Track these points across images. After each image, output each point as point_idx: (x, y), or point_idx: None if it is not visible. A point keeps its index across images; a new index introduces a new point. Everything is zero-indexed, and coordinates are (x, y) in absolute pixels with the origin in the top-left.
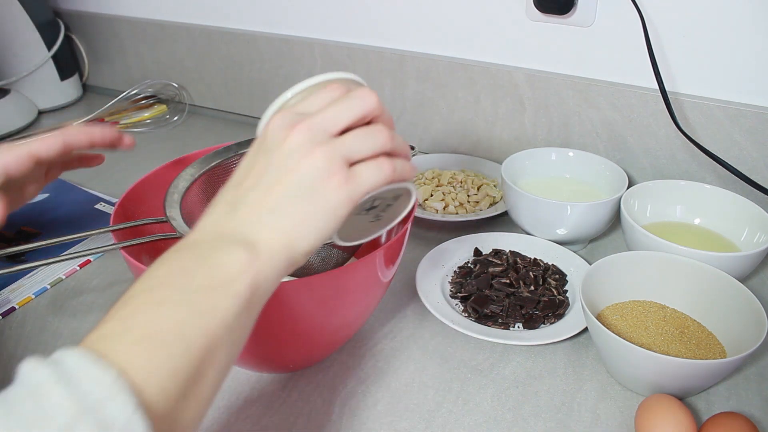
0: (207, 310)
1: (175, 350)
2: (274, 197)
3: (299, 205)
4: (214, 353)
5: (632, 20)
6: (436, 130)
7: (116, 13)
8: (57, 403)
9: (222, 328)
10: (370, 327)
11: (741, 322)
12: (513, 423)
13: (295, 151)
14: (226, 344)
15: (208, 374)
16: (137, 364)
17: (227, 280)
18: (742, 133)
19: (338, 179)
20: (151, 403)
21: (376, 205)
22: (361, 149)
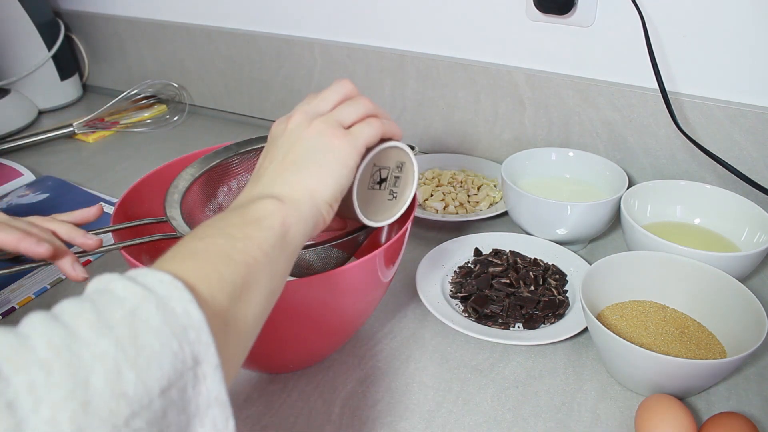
0: (244, 237)
1: (219, 264)
2: (290, 161)
3: (312, 162)
4: (255, 275)
5: (632, 20)
6: (436, 130)
7: (116, 13)
8: (123, 292)
9: (259, 252)
10: (370, 327)
11: (741, 322)
12: (513, 423)
13: (296, 128)
14: (266, 270)
15: (252, 291)
16: (187, 272)
17: (260, 218)
18: (742, 133)
19: (338, 135)
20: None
21: (385, 178)
22: (350, 114)
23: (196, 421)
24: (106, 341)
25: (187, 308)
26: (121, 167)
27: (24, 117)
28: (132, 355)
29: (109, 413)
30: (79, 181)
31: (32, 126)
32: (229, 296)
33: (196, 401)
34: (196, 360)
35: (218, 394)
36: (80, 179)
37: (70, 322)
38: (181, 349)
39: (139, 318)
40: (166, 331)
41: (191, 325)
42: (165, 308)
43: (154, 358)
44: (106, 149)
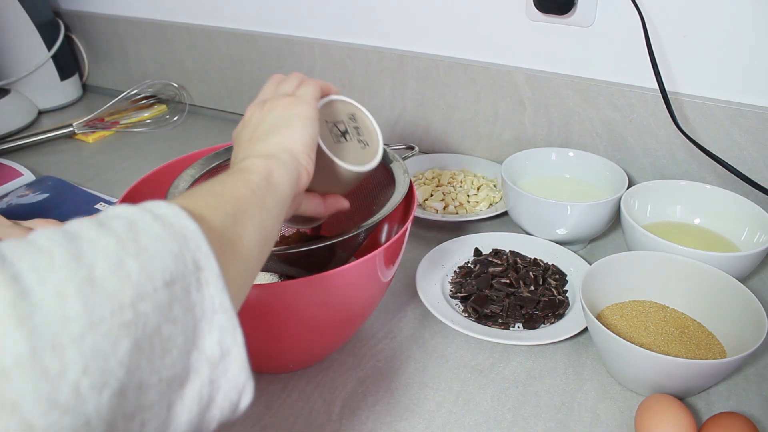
0: (231, 181)
1: (208, 197)
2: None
3: (278, 127)
4: (244, 206)
5: (632, 20)
6: (436, 130)
7: (116, 13)
8: (121, 210)
9: (246, 189)
10: (370, 327)
11: (741, 322)
12: (513, 423)
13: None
14: (254, 204)
15: (244, 220)
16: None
17: (243, 169)
18: (742, 133)
19: (288, 100)
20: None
21: (344, 131)
22: (289, 86)
23: (204, 325)
24: (107, 239)
25: (183, 222)
26: (121, 167)
27: (24, 117)
28: (132, 250)
29: (114, 290)
30: (79, 181)
31: (32, 126)
32: (221, 217)
33: (202, 305)
34: (198, 266)
35: (222, 301)
36: (80, 179)
37: (71, 229)
38: (181, 252)
39: (138, 226)
40: (165, 236)
41: (189, 236)
42: (163, 221)
43: (156, 254)
44: (106, 149)
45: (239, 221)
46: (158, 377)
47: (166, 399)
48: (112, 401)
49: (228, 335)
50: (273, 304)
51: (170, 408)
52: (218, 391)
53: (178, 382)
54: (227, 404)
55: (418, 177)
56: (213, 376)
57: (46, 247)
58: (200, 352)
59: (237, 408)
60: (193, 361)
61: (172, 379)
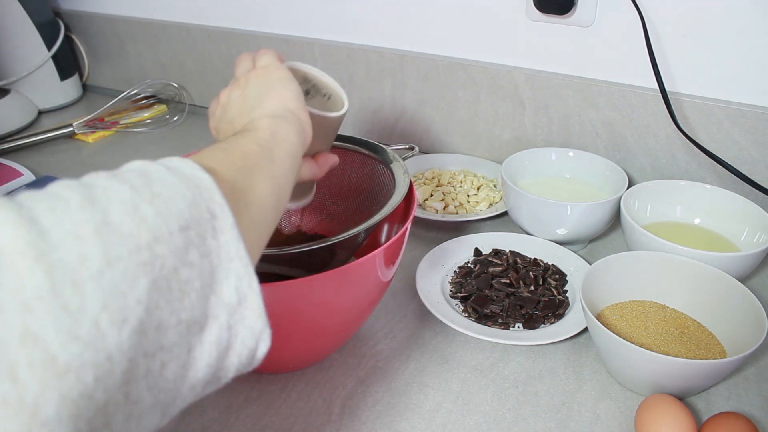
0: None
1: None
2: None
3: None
4: (254, 159)
5: (632, 20)
6: (436, 130)
7: (116, 13)
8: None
9: (253, 144)
10: (370, 327)
11: (741, 322)
12: (513, 423)
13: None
14: (264, 157)
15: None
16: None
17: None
18: (742, 133)
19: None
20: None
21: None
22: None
23: (220, 272)
24: (122, 186)
25: (195, 173)
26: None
27: (24, 117)
28: (148, 197)
29: (131, 232)
30: None
31: (32, 126)
32: (233, 175)
33: (218, 252)
34: (212, 214)
35: (238, 249)
36: None
37: (88, 180)
38: (196, 200)
39: (152, 176)
40: (179, 185)
41: (203, 186)
42: (176, 171)
43: (171, 200)
44: (106, 149)
45: (250, 172)
46: (177, 318)
47: (185, 341)
48: (132, 338)
49: (244, 282)
50: (273, 304)
51: (190, 351)
52: (236, 337)
53: (198, 326)
54: (245, 351)
55: (418, 177)
56: (231, 321)
57: (62, 194)
58: (218, 297)
59: (254, 355)
60: (211, 306)
61: (191, 322)
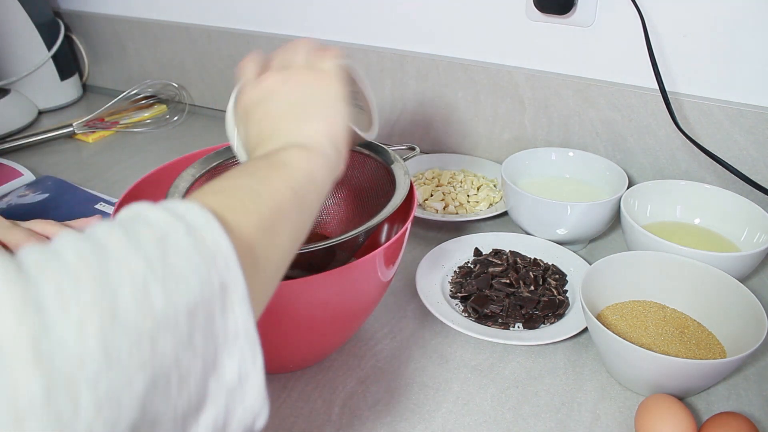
0: (271, 177)
1: (246, 199)
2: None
3: (317, 107)
4: (283, 209)
5: (632, 20)
6: (436, 130)
7: (116, 13)
8: (154, 217)
9: (287, 190)
10: (370, 327)
11: (741, 322)
12: (513, 423)
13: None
14: (294, 206)
15: (280, 225)
16: (214, 203)
17: (286, 162)
18: (742, 133)
19: (322, 76)
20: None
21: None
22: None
23: (224, 352)
24: (135, 257)
25: (215, 237)
26: (121, 167)
27: (24, 117)
28: (160, 273)
29: (135, 324)
30: (79, 181)
31: (32, 126)
32: (257, 227)
33: (224, 331)
34: (225, 288)
35: (246, 326)
36: (80, 179)
37: (101, 240)
38: (209, 274)
39: (169, 241)
40: (194, 256)
41: (220, 253)
42: (194, 234)
43: (182, 278)
44: (106, 149)
45: (274, 229)
46: (173, 411)
47: (180, 428)
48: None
49: (248, 360)
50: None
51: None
52: (233, 417)
53: (194, 411)
54: (241, 428)
55: (418, 177)
56: (229, 402)
57: (73, 266)
58: (218, 378)
59: (251, 430)
60: (210, 389)
61: (188, 410)
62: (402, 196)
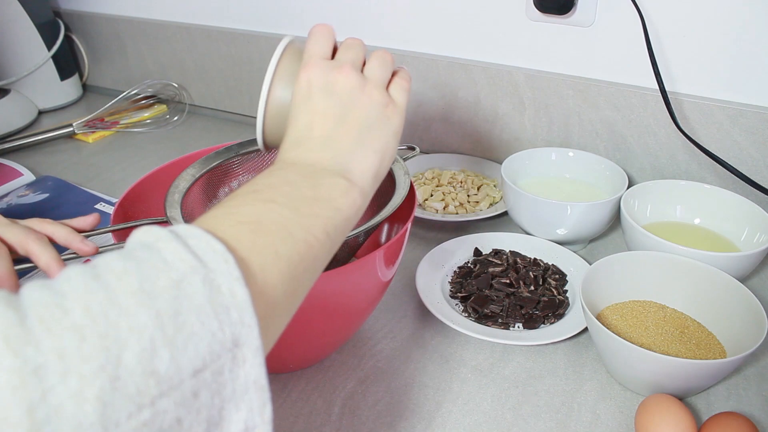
0: (311, 214)
1: (277, 240)
2: (353, 129)
3: (375, 134)
4: (313, 255)
5: (632, 20)
6: (436, 130)
7: (116, 13)
8: (172, 257)
9: (322, 233)
10: (370, 327)
11: (741, 322)
12: (513, 423)
13: (351, 90)
14: (324, 252)
15: (305, 273)
16: (242, 240)
17: (330, 197)
18: (742, 133)
19: (390, 105)
20: (251, 276)
21: None
22: (386, 75)
23: (231, 405)
24: (146, 314)
25: (233, 287)
26: (121, 167)
27: (24, 117)
28: (170, 333)
29: (137, 391)
30: (79, 181)
31: (32, 126)
32: (281, 276)
33: (233, 385)
34: (236, 342)
35: (257, 378)
36: (80, 179)
37: (112, 285)
38: (221, 330)
39: (183, 292)
40: (208, 310)
41: (235, 305)
42: (211, 284)
43: (192, 338)
44: (106, 149)
45: (299, 276)
46: None
47: None
48: None
49: (256, 413)
50: None
51: None
52: None
53: None
54: None
55: (418, 177)
56: None
57: (79, 322)
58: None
59: None
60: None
61: None
62: (402, 196)
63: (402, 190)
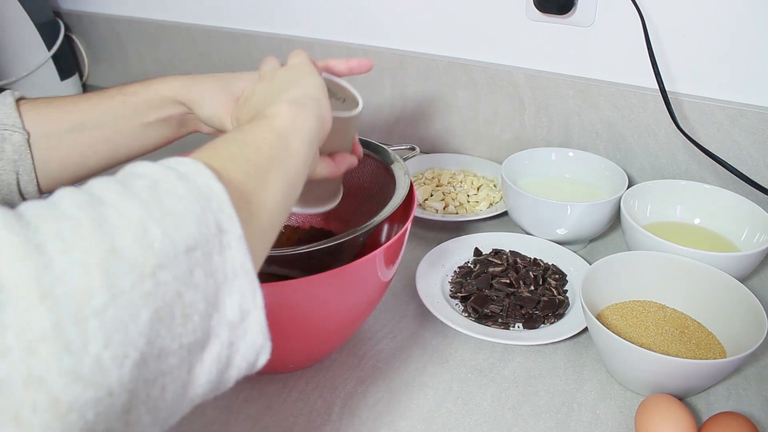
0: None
1: (233, 148)
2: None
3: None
4: (270, 153)
5: (632, 20)
6: (436, 130)
7: (116, 13)
8: (146, 170)
9: (271, 135)
10: (370, 327)
11: (741, 322)
12: (513, 423)
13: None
14: (280, 149)
15: (269, 170)
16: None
17: (270, 115)
18: (742, 133)
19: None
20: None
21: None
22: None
23: (225, 289)
24: (132, 203)
25: (207, 182)
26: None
27: None
28: (157, 214)
29: (136, 260)
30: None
31: None
32: (246, 172)
33: (224, 269)
34: (220, 228)
35: (244, 264)
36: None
37: (97, 192)
38: (205, 215)
39: (162, 187)
40: (189, 198)
41: (213, 196)
42: (187, 180)
43: (179, 218)
44: None
45: (263, 172)
46: (179, 343)
47: (186, 363)
48: (134, 371)
49: (248, 298)
50: (273, 304)
51: (190, 371)
52: (237, 353)
53: (199, 346)
54: (244, 364)
55: (418, 177)
56: (232, 338)
57: (71, 213)
58: (221, 316)
59: (254, 367)
60: (213, 325)
61: (192, 344)
62: (402, 196)
63: (402, 190)
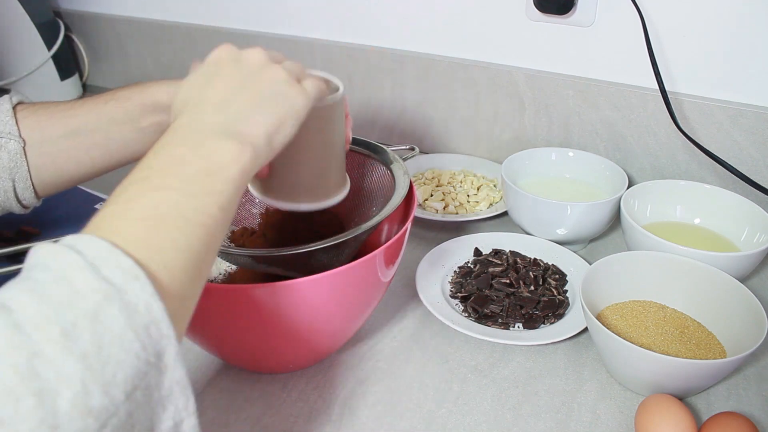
0: (203, 193)
1: (175, 230)
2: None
3: (272, 104)
4: (212, 236)
5: (632, 20)
6: (436, 130)
7: (116, 13)
8: (84, 287)
9: (218, 211)
10: (370, 327)
11: (741, 322)
12: (513, 423)
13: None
14: (221, 227)
15: (207, 255)
16: (142, 239)
17: (221, 167)
18: (742, 133)
19: (299, 88)
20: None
21: None
22: (297, 70)
23: (159, 408)
24: (72, 360)
25: (148, 303)
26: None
27: None
28: (98, 370)
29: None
30: None
31: None
32: (184, 266)
33: (159, 392)
34: (159, 355)
35: (179, 379)
36: None
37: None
38: (144, 350)
39: (102, 324)
40: (130, 336)
41: (153, 321)
42: (127, 307)
43: (119, 367)
44: None
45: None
46: None
47: None
48: None
49: (181, 408)
50: (273, 304)
51: None
52: None
53: None
54: None
55: (418, 177)
56: None
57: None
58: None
59: None
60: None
61: None
62: (402, 196)
63: (402, 190)
